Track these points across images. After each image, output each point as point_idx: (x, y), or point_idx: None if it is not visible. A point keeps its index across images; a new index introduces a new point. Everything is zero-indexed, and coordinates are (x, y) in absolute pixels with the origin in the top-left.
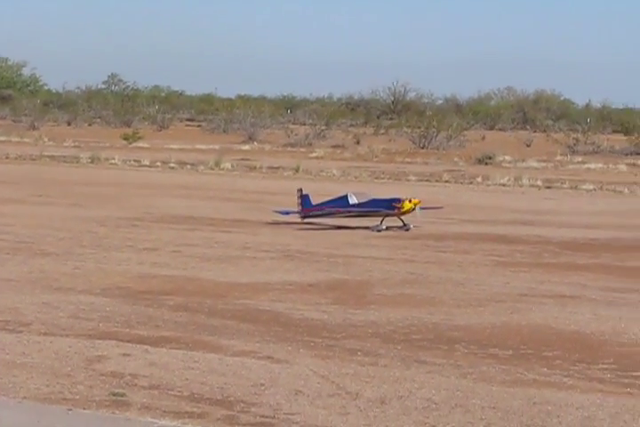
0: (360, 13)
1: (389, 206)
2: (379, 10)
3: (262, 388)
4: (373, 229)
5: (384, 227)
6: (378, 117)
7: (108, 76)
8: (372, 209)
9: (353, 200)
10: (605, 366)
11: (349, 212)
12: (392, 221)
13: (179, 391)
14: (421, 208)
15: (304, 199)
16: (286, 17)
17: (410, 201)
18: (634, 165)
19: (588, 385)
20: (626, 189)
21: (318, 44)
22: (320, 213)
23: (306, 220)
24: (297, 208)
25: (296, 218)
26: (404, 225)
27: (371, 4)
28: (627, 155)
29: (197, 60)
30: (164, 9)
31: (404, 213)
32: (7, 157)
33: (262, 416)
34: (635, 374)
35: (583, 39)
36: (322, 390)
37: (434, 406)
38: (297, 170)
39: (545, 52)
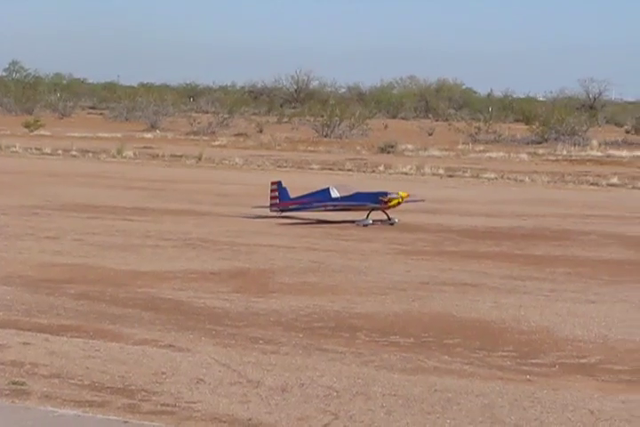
0: (264, 0)
1: (376, 200)
2: None
3: (164, 376)
4: (359, 223)
5: (370, 221)
6: (281, 106)
7: (9, 64)
8: (358, 203)
9: (335, 193)
10: (505, 354)
11: (334, 206)
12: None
13: (79, 380)
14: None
15: (282, 192)
16: (189, 4)
17: (397, 194)
18: (534, 153)
19: (489, 373)
20: (527, 178)
21: (221, 31)
22: (300, 206)
23: (283, 213)
24: (270, 202)
25: (271, 211)
26: (389, 219)
27: None
28: (528, 144)
29: (100, 47)
30: None
31: (391, 206)
32: None
33: (163, 405)
34: (534, 361)
35: (485, 29)
36: (223, 379)
37: (335, 393)
38: (199, 158)
39: (447, 41)
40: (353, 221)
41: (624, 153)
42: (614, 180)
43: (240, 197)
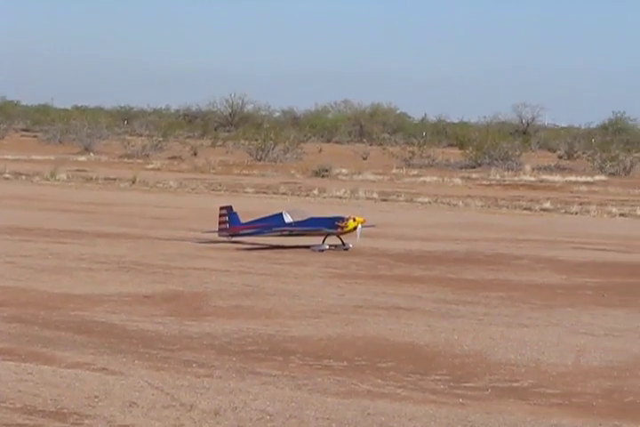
0: (199, 24)
1: (331, 225)
2: (217, 20)
3: (96, 400)
4: (315, 248)
5: (327, 246)
6: (215, 129)
7: None
8: (312, 228)
9: (288, 219)
10: (439, 378)
11: (290, 231)
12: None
13: (11, 403)
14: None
15: (232, 217)
16: (123, 26)
17: (354, 220)
18: (468, 178)
19: (422, 396)
20: (460, 202)
21: (156, 54)
22: (253, 231)
23: (233, 239)
24: (218, 227)
25: (220, 236)
26: (343, 244)
27: (209, 12)
28: (461, 168)
29: (33, 69)
30: None
31: (347, 231)
32: None
33: None
34: (467, 385)
35: (419, 53)
36: (156, 402)
37: (268, 417)
38: (133, 181)
39: (381, 65)
40: (308, 247)
41: (557, 178)
42: (547, 204)
43: (174, 221)
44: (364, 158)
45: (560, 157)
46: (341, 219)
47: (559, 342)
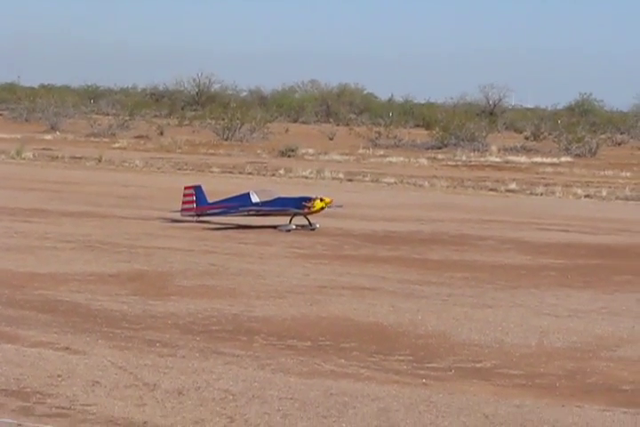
0: (169, 1)
1: (299, 205)
2: None
3: (59, 379)
4: (282, 228)
5: (293, 226)
6: (182, 109)
7: None
8: (279, 208)
9: (255, 199)
10: (402, 358)
11: (257, 211)
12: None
13: None
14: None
15: (199, 197)
16: (90, 4)
17: (321, 200)
18: (434, 158)
19: (385, 376)
20: (426, 183)
21: (123, 32)
22: (219, 211)
23: (200, 218)
24: (182, 206)
25: (183, 215)
26: (310, 224)
27: None
28: (427, 149)
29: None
30: None
31: (314, 212)
32: None
33: (58, 407)
34: (430, 365)
35: (386, 34)
36: (119, 381)
37: (231, 397)
38: (99, 160)
39: (348, 45)
40: (275, 227)
41: (523, 159)
42: (513, 185)
43: (140, 200)
44: (331, 139)
45: (526, 139)
46: (309, 199)
47: (523, 322)
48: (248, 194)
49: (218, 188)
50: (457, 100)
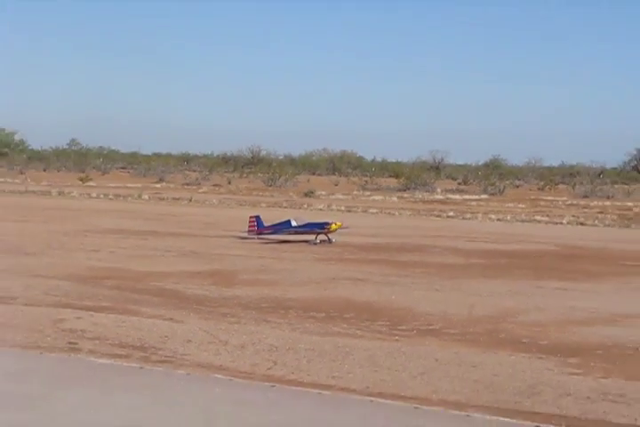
0: (234, 88)
1: (322, 227)
2: (241, 92)
3: (166, 338)
4: (311, 242)
5: (318, 241)
6: (242, 167)
7: (70, 140)
8: (310, 229)
9: (294, 223)
10: (383, 323)
11: (295, 231)
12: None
13: (112, 341)
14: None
15: (258, 222)
16: (183, 94)
17: (335, 224)
18: (401, 197)
19: (371, 335)
20: (397, 213)
21: (203, 117)
22: (271, 231)
23: (259, 236)
24: (248, 229)
25: (249, 235)
26: (329, 239)
27: (237, 84)
28: (397, 191)
29: (127, 126)
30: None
31: (331, 231)
32: (3, 191)
33: (166, 356)
34: (400, 327)
35: (371, 114)
36: (204, 339)
37: (275, 349)
38: (190, 200)
39: (347, 123)
40: (307, 241)
41: (457, 197)
42: (451, 213)
43: (216, 225)
44: (336, 185)
45: (459, 184)
46: (327, 223)
47: (459, 300)
48: (289, 220)
49: (266, 216)
50: (415, 160)
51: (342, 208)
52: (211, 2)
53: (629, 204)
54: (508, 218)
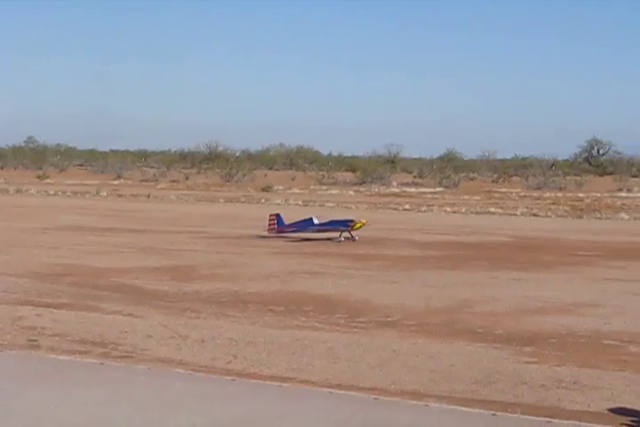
0: (196, 91)
1: (345, 225)
2: (204, 88)
3: (126, 334)
4: (335, 240)
5: (342, 238)
6: (199, 163)
7: (27, 138)
8: (333, 226)
9: (316, 221)
10: (341, 316)
11: (318, 229)
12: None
13: (72, 337)
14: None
15: (278, 220)
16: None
17: (360, 221)
18: (358, 191)
19: (330, 327)
20: (353, 206)
21: (162, 111)
22: (292, 229)
23: (280, 234)
24: (268, 227)
25: (268, 233)
26: (352, 237)
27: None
28: (353, 185)
29: (85, 125)
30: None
31: (355, 229)
32: None
33: (126, 352)
34: (358, 319)
35: (326, 109)
36: (164, 335)
37: (234, 342)
38: (148, 196)
39: (303, 119)
40: (330, 239)
41: (413, 190)
42: (407, 206)
43: (175, 221)
44: (293, 180)
45: (414, 177)
46: (351, 221)
47: (415, 291)
48: (311, 218)
49: (224, 212)
50: (371, 154)
51: (299, 203)
52: None
53: (581, 195)
54: (463, 210)
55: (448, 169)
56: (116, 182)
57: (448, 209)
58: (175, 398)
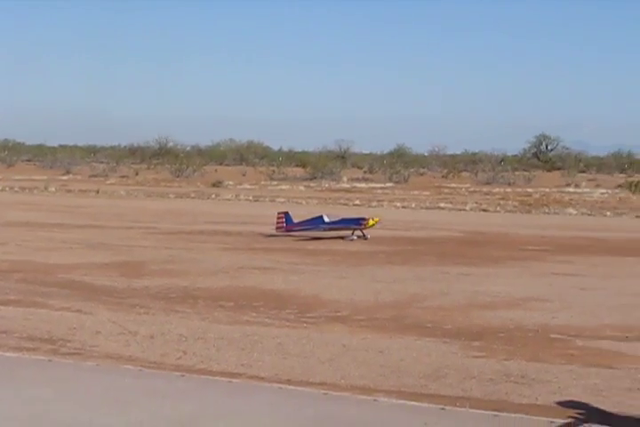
0: (139, 87)
1: (358, 223)
2: (146, 85)
3: (75, 330)
4: (347, 238)
5: (355, 237)
6: (149, 158)
7: None
8: (345, 225)
9: (327, 219)
10: (291, 311)
11: (330, 227)
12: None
13: (20, 334)
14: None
15: (287, 219)
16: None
17: (372, 219)
18: (308, 186)
19: (280, 323)
20: (304, 202)
21: (108, 107)
22: (303, 228)
23: (289, 233)
24: (276, 225)
25: (277, 232)
26: (364, 235)
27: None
28: (304, 180)
29: (33, 119)
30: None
31: (368, 227)
32: None
33: (75, 348)
34: (308, 315)
35: (277, 104)
36: (113, 331)
37: (184, 338)
38: (97, 192)
39: (253, 113)
40: (342, 237)
41: (363, 185)
42: (357, 201)
43: (124, 216)
44: (243, 175)
45: (365, 172)
46: (364, 219)
47: (365, 287)
48: (321, 216)
49: (174, 207)
50: (322, 149)
51: (250, 198)
52: None
53: (530, 190)
54: (413, 205)
55: (398, 164)
56: (64, 178)
57: (398, 204)
58: (124, 395)
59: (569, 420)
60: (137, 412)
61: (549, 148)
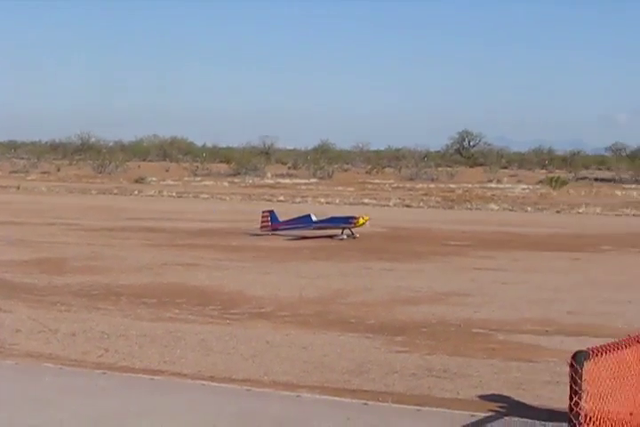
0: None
1: (348, 222)
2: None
3: None
4: (336, 237)
5: (344, 236)
6: (71, 154)
7: None
8: (334, 224)
9: (315, 218)
10: (214, 307)
11: (318, 227)
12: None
13: None
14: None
15: (273, 217)
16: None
17: (362, 218)
18: (232, 182)
19: (204, 319)
20: (227, 198)
21: (27, 99)
22: (289, 227)
23: (273, 232)
24: (261, 224)
25: (261, 231)
26: (352, 234)
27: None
28: (228, 176)
29: None
30: None
31: (357, 226)
32: None
33: None
34: (232, 311)
35: (200, 99)
36: (33, 328)
37: (106, 336)
38: (18, 188)
39: (177, 108)
40: (331, 237)
41: (287, 181)
42: (281, 197)
43: (45, 213)
44: (167, 171)
45: (289, 168)
46: (354, 217)
47: (289, 282)
48: (309, 215)
49: (96, 204)
50: (246, 145)
51: (173, 194)
52: None
53: (452, 186)
54: (337, 201)
55: (322, 160)
56: None
57: (322, 200)
58: (43, 394)
59: (490, 413)
60: (58, 411)
61: (472, 144)
